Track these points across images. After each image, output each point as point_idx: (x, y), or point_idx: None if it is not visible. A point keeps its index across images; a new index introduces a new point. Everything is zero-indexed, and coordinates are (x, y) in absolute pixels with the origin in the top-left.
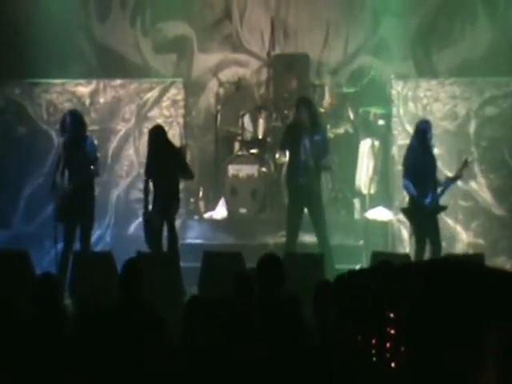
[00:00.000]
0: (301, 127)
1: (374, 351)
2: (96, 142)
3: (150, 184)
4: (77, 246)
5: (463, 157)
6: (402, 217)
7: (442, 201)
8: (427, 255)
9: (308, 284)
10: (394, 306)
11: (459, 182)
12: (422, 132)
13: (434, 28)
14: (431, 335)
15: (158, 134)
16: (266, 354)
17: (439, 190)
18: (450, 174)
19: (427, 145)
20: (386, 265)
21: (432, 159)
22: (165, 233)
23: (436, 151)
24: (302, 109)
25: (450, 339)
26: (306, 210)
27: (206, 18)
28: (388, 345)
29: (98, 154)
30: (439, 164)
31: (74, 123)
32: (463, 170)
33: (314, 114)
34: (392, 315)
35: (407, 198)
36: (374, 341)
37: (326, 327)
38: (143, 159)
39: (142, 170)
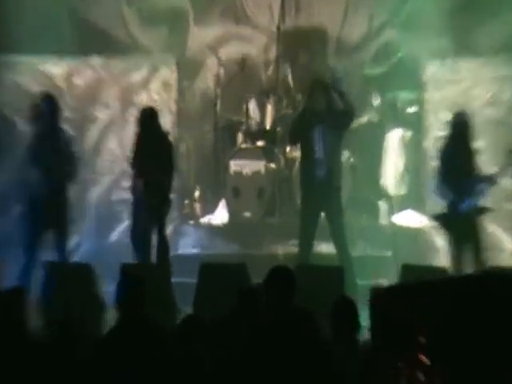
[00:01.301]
0: (315, 114)
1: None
2: (72, 134)
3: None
4: (49, 256)
5: (509, 149)
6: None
7: (483, 203)
8: (467, 268)
9: (325, 301)
10: (428, 331)
11: (503, 180)
12: (459, 128)
13: None
14: (471, 367)
15: (149, 118)
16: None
17: (479, 189)
18: (493, 171)
19: (465, 143)
20: (419, 282)
21: (470, 154)
22: (154, 241)
23: (477, 144)
24: (317, 93)
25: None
26: (322, 213)
27: None
28: (420, 374)
29: (75, 149)
30: (481, 159)
31: (50, 111)
32: (509, 165)
33: (330, 100)
34: (425, 341)
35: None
36: (405, 369)
37: (346, 351)
38: (129, 152)
39: (127, 165)
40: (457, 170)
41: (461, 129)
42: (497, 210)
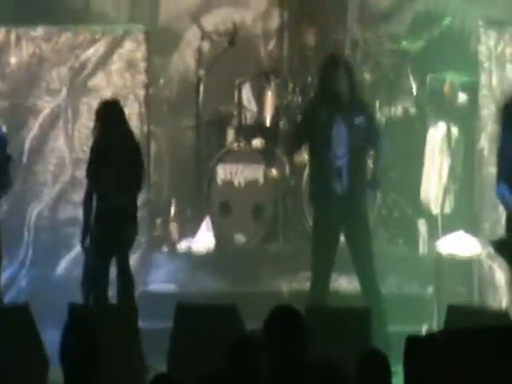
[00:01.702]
0: (332, 104)
1: None
2: (4, 130)
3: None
4: None
5: None
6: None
7: None
8: None
9: (346, 355)
10: None
11: None
12: None
13: None
14: None
15: (110, 113)
16: None
17: None
18: None
19: None
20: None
21: None
22: (114, 274)
23: None
24: (334, 74)
25: None
26: (342, 237)
27: None
28: None
29: (8, 151)
30: None
31: None
32: None
33: (353, 84)
34: None
35: (504, 218)
36: None
37: None
38: (81, 154)
39: (79, 172)
40: None
41: None
42: None
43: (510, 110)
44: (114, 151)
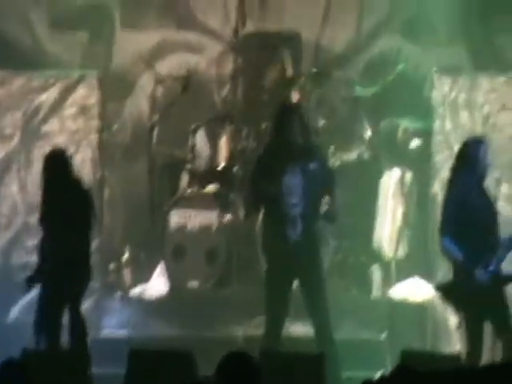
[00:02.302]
0: (286, 152)
1: None
2: None
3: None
4: None
5: None
6: None
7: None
8: (490, 356)
9: None
10: None
11: None
12: (475, 158)
13: None
14: None
15: (56, 163)
16: None
17: (502, 250)
18: None
19: (483, 179)
20: (407, 374)
21: (490, 203)
22: (67, 320)
23: (503, 189)
24: (288, 120)
25: None
26: (296, 282)
27: None
28: None
29: None
30: (509, 209)
31: None
32: None
33: (307, 131)
34: None
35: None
36: None
37: None
38: (35, 200)
39: (32, 218)
40: (471, 221)
41: (476, 162)
42: None
43: (459, 162)
44: (63, 199)
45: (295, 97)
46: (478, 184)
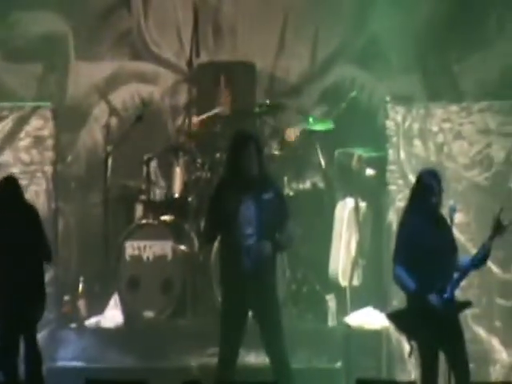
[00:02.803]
0: (241, 183)
1: None
2: None
3: None
4: None
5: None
6: None
7: (468, 296)
8: None
9: None
10: None
11: (494, 266)
12: (428, 190)
13: (456, 21)
14: None
15: (6, 192)
16: None
17: (458, 276)
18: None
19: (435, 210)
20: None
21: (444, 231)
22: (22, 351)
23: (457, 218)
24: (243, 151)
25: None
26: (250, 312)
27: (89, 7)
28: None
29: None
30: (463, 238)
31: None
32: (495, 236)
33: (262, 161)
34: None
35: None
36: None
37: None
38: None
39: None
40: (424, 249)
41: (429, 193)
42: (487, 306)
43: (415, 194)
44: (11, 226)
45: (249, 127)
46: (431, 213)
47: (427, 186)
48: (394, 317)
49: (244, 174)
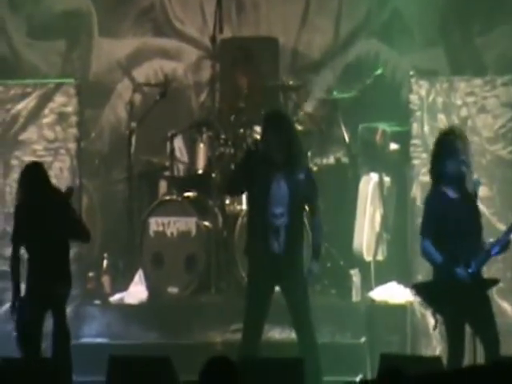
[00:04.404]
0: (270, 160)
1: None
2: None
3: (23, 253)
4: None
5: None
6: None
7: (492, 271)
8: (471, 359)
9: None
10: None
11: None
12: (451, 153)
13: None
14: None
15: (32, 176)
16: None
17: (483, 254)
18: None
19: (460, 177)
20: (394, 376)
21: (470, 204)
22: (48, 328)
23: (481, 192)
24: (273, 130)
25: None
26: (277, 287)
27: None
28: None
29: None
30: (488, 211)
31: None
32: None
33: (293, 140)
34: None
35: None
36: None
37: None
38: (12, 209)
39: (10, 227)
40: (449, 223)
41: (451, 156)
42: (508, 280)
43: (439, 165)
44: (38, 209)
45: (273, 102)
46: (456, 182)
47: (452, 150)
48: (420, 288)
49: (276, 154)
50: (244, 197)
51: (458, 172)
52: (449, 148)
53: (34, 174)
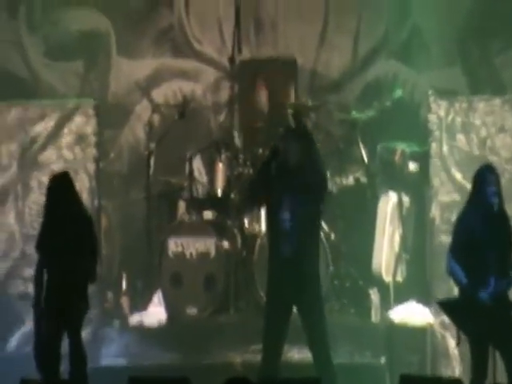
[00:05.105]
0: (284, 171)
1: None
2: None
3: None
4: None
5: None
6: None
7: None
8: (491, 380)
9: None
10: None
11: None
12: (482, 184)
13: (497, 12)
14: None
15: (60, 187)
16: None
17: (507, 281)
18: None
19: (491, 204)
20: None
21: (500, 226)
22: (65, 349)
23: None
24: (292, 137)
25: None
26: (295, 308)
27: (130, 3)
28: None
29: None
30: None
31: None
32: None
33: (315, 155)
34: None
35: (456, 290)
36: None
37: None
38: (31, 230)
39: (29, 248)
40: (479, 244)
41: (485, 187)
42: None
43: (477, 183)
44: (63, 227)
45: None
46: (487, 208)
47: (483, 181)
48: (444, 305)
49: (288, 163)
50: (263, 216)
51: (491, 200)
52: (485, 179)
53: (60, 184)
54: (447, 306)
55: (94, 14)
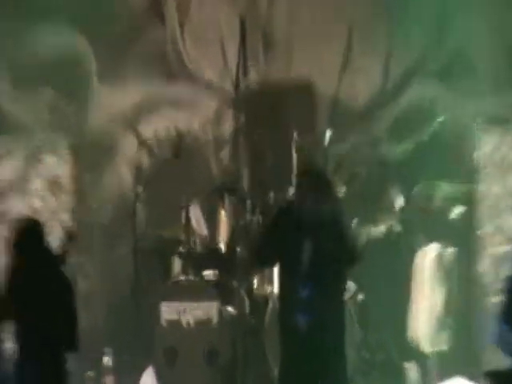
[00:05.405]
0: (304, 222)
1: None
2: None
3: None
4: None
5: None
6: None
7: None
8: None
9: None
10: None
11: None
12: None
13: None
14: None
15: (28, 237)
16: None
17: None
18: None
19: None
20: None
21: None
22: None
23: None
24: (308, 185)
25: None
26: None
27: (113, 21)
28: None
29: None
30: None
31: None
32: None
33: (332, 196)
34: None
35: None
36: None
37: None
38: None
39: None
40: None
41: None
42: None
43: None
44: (32, 286)
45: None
46: None
47: None
48: (493, 377)
49: (307, 212)
50: (275, 275)
51: None
52: None
53: (29, 233)
54: (496, 379)
55: (69, 35)
